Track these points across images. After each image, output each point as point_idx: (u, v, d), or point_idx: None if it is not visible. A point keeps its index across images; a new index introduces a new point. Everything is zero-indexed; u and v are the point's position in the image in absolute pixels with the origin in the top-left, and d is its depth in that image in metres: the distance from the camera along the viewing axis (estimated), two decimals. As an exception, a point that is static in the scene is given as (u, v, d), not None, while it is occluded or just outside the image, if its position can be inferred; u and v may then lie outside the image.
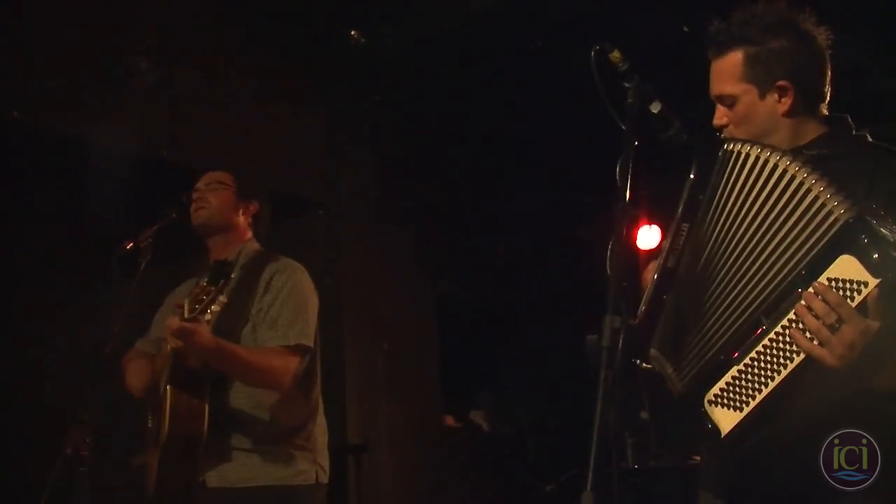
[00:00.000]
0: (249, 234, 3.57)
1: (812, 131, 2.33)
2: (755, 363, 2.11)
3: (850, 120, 2.36)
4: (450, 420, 7.60)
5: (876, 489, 2.06)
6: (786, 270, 2.09)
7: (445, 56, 6.24)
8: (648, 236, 7.31)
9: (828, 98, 2.36)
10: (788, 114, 2.30)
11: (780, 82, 2.29)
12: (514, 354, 8.15)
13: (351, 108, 6.67)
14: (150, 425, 3.33)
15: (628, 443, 5.91)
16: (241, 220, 3.54)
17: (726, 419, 2.15)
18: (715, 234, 2.25)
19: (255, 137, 5.92)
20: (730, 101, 2.34)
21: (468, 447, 7.66)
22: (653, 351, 2.34)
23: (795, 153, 2.22)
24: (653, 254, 2.58)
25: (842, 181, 2.07)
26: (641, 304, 2.30)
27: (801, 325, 2.02)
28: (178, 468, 3.12)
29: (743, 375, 2.12)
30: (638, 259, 7.47)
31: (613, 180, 2.14)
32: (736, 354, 2.15)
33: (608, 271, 2.05)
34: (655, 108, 2.35)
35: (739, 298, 2.18)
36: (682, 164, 2.35)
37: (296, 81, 6.41)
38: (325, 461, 3.42)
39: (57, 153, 5.21)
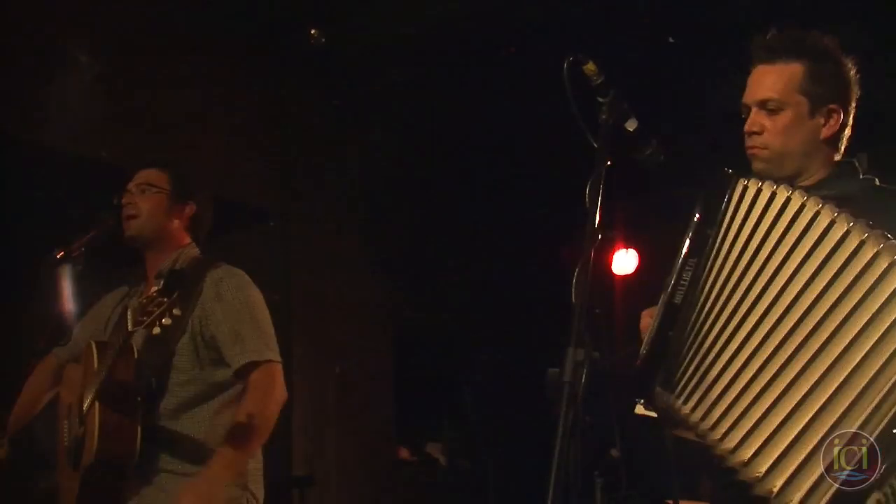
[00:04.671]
0: (187, 239, 3.49)
1: (825, 166, 2.45)
2: None
3: (856, 163, 2.47)
4: (404, 453, 7.59)
5: None
6: None
7: (410, 60, 6.25)
8: (624, 261, 7.35)
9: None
10: (829, 140, 2.43)
11: (833, 105, 2.42)
12: (476, 383, 8.08)
13: (309, 113, 6.65)
14: (65, 444, 3.27)
15: (597, 483, 5.89)
16: (177, 225, 3.46)
17: None
18: (742, 278, 2.27)
19: (203, 141, 5.87)
20: (775, 106, 2.42)
21: (424, 482, 7.64)
22: (658, 389, 2.32)
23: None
24: (640, 291, 2.55)
25: None
26: (644, 345, 2.31)
27: None
28: (103, 492, 3.07)
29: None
30: (613, 285, 7.50)
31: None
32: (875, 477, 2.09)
33: (573, 299, 2.03)
34: (631, 125, 2.36)
35: (826, 391, 2.13)
36: (661, 186, 2.35)
37: (250, 82, 6.38)
38: (257, 488, 3.36)
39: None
